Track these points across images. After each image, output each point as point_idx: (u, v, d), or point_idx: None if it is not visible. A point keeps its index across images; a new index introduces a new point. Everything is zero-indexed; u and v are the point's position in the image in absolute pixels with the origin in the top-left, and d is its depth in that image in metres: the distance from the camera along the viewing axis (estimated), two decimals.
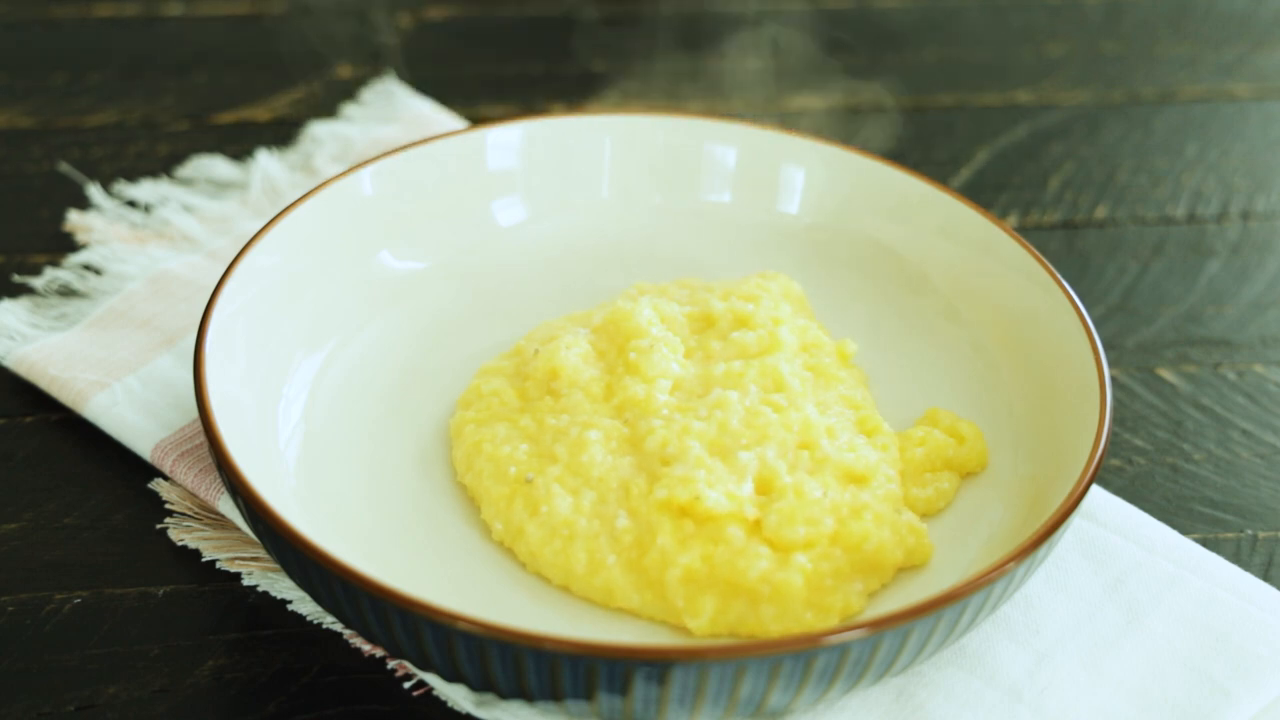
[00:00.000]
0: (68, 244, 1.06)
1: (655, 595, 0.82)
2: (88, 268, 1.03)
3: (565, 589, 0.84)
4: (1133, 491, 0.94)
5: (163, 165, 1.13)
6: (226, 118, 1.18)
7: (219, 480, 0.89)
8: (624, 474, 0.84)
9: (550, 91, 1.23)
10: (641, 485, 0.83)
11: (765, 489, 0.83)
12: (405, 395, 0.93)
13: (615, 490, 0.84)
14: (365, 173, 0.98)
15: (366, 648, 0.83)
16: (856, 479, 0.85)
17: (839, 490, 0.84)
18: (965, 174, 1.18)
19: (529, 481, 0.85)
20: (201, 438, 0.91)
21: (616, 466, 0.85)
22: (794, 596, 0.81)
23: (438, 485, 0.88)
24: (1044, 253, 1.00)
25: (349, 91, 1.20)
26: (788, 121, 1.19)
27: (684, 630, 0.82)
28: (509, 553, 0.85)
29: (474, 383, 0.91)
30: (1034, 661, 0.83)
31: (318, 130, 1.15)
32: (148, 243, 1.05)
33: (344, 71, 1.23)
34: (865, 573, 0.83)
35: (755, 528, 0.82)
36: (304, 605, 0.85)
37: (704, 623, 0.81)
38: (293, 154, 1.13)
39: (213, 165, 1.11)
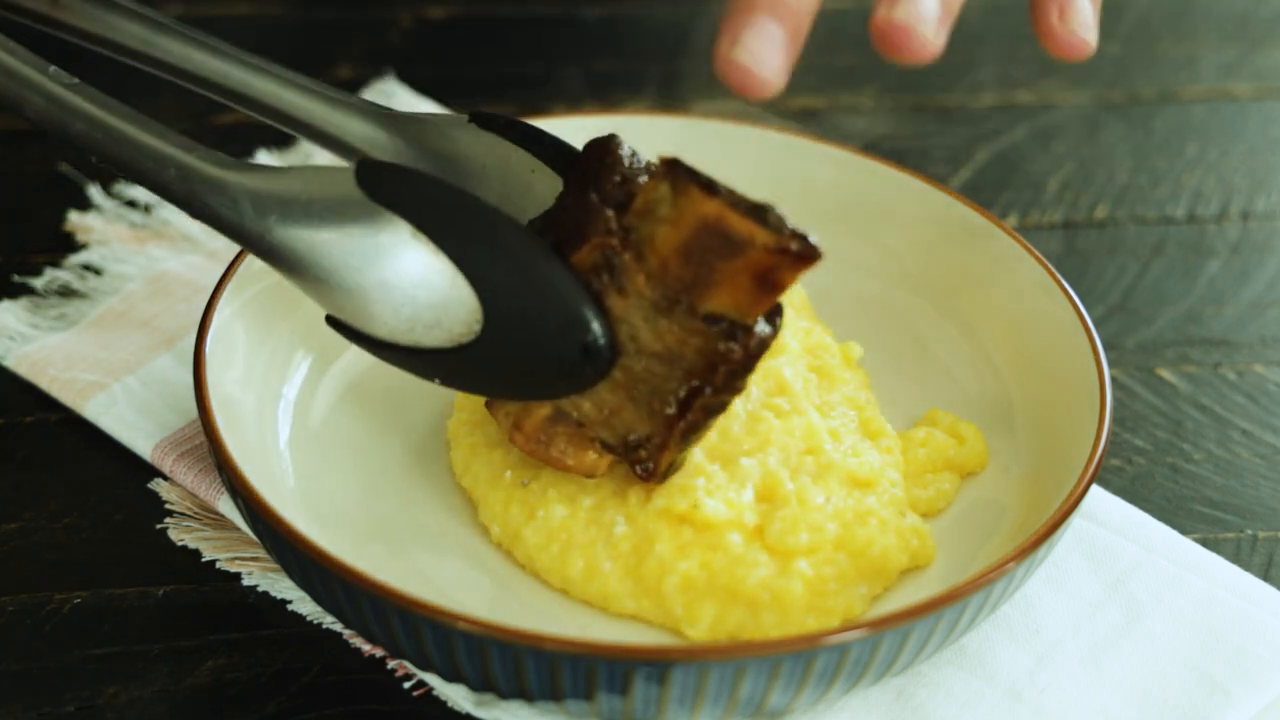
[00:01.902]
0: (68, 244, 1.06)
1: (653, 602, 0.82)
2: (87, 268, 1.03)
3: (564, 591, 0.84)
4: (1133, 491, 0.94)
5: None
6: (226, 118, 1.18)
7: (219, 480, 0.89)
8: (621, 479, 0.84)
9: (550, 91, 1.23)
10: (639, 492, 0.83)
11: (768, 495, 0.83)
12: (405, 395, 0.92)
13: (612, 496, 0.84)
14: None
15: (366, 648, 0.83)
16: (861, 484, 0.85)
17: (843, 496, 0.84)
18: (965, 174, 1.18)
19: (524, 486, 0.84)
20: (201, 438, 0.91)
21: (613, 471, 0.84)
22: (794, 603, 0.80)
23: (438, 486, 0.88)
24: (1044, 253, 1.00)
25: (349, 91, 1.20)
26: (789, 122, 1.19)
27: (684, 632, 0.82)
28: (508, 553, 0.85)
29: None
30: (1034, 661, 0.83)
31: None
32: (147, 243, 1.05)
33: (344, 71, 1.23)
34: (869, 577, 0.83)
35: (756, 534, 0.82)
36: (304, 605, 0.85)
37: (702, 630, 0.81)
38: (293, 154, 1.13)
39: None
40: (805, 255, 0.75)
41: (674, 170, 0.77)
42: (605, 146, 0.80)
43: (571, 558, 0.82)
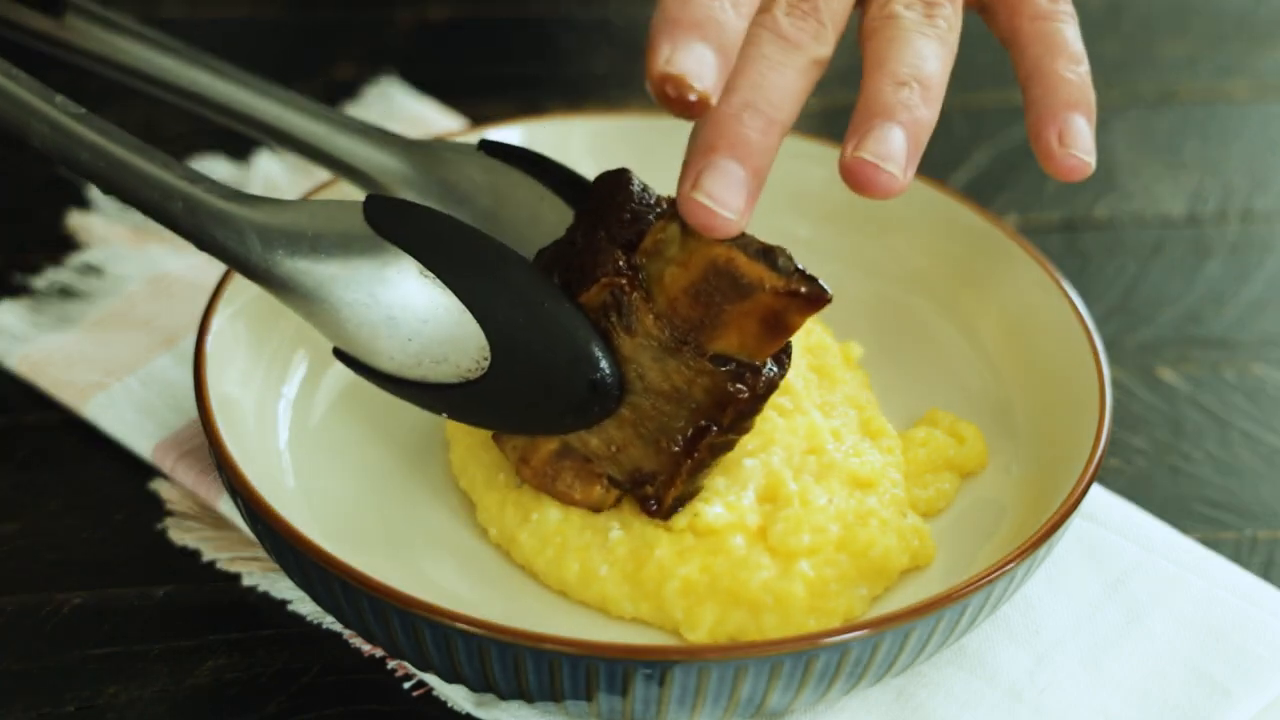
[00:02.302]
0: (68, 244, 1.06)
1: (652, 605, 0.81)
2: (88, 268, 1.03)
3: (563, 593, 0.84)
4: (1133, 491, 0.94)
5: None
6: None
7: (219, 480, 0.89)
8: None
9: (550, 91, 1.23)
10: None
11: (770, 496, 0.83)
12: None
13: None
14: None
15: (366, 648, 0.83)
16: (863, 484, 0.85)
17: (845, 496, 0.84)
18: (965, 174, 1.18)
19: (519, 487, 0.84)
20: (201, 438, 0.91)
21: None
22: (796, 605, 0.80)
23: (437, 486, 0.88)
24: (1044, 253, 1.00)
25: (349, 91, 1.20)
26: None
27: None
28: (507, 554, 0.85)
29: None
30: (1034, 662, 0.83)
31: None
32: (147, 243, 1.05)
33: (344, 71, 1.23)
34: (870, 578, 0.83)
35: (758, 536, 0.82)
36: (304, 605, 0.85)
37: (702, 634, 0.81)
38: (292, 154, 1.13)
39: (213, 165, 1.11)
40: (814, 299, 0.75)
41: None
42: (616, 181, 0.81)
43: (567, 561, 0.82)
